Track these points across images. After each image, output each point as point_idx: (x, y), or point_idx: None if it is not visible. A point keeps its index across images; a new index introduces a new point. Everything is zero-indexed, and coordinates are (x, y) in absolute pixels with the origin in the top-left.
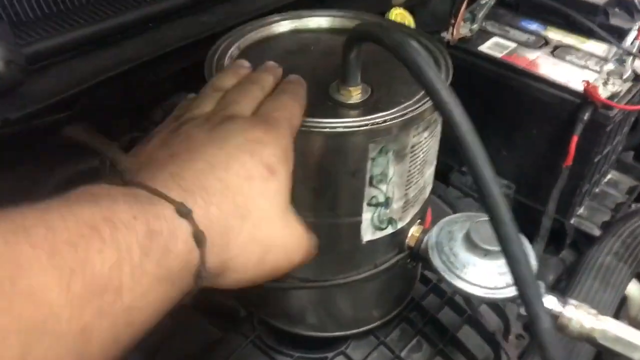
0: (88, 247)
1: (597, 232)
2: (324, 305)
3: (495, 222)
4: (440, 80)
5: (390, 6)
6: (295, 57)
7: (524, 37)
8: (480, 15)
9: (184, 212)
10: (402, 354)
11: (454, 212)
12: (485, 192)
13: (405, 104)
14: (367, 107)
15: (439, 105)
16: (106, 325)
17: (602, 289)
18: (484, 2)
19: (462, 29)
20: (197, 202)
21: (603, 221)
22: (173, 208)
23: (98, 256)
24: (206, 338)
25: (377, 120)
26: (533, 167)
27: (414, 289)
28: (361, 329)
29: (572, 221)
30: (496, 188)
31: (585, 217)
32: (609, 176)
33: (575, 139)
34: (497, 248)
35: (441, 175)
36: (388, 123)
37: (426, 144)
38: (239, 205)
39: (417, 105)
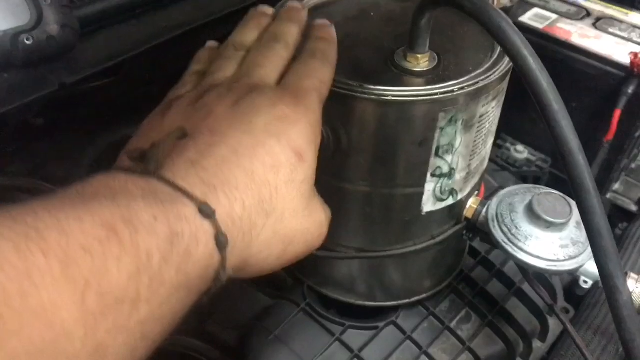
0: (105, 254)
1: (633, 207)
2: (376, 275)
3: (580, 192)
4: (527, 45)
5: None
6: (356, 23)
7: (564, 8)
8: None
9: (207, 212)
10: (452, 325)
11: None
12: (571, 161)
13: (476, 72)
14: (436, 75)
15: (525, 72)
16: (121, 340)
17: None
18: None
19: None
20: (220, 200)
21: (639, 197)
22: (195, 207)
23: (116, 264)
24: (257, 306)
25: (448, 88)
26: None
27: (463, 261)
28: (412, 300)
29: (608, 196)
30: (582, 158)
31: (621, 192)
32: None
33: (618, 113)
34: (560, 220)
35: None
36: (460, 92)
37: (492, 114)
38: (263, 200)
39: (488, 74)
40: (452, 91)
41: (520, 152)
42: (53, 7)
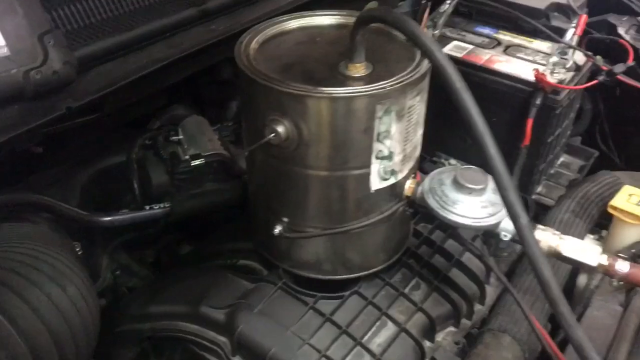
0: None
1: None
2: (338, 252)
3: (482, 144)
4: (435, 44)
5: None
6: (306, 46)
7: (479, 39)
8: (440, 22)
9: None
10: (405, 291)
11: None
12: (472, 122)
13: (402, 74)
14: (372, 78)
15: (434, 63)
16: None
17: None
18: (442, 10)
19: None
20: None
21: (559, 196)
22: None
23: None
24: (240, 289)
25: (382, 86)
26: None
27: (409, 241)
28: (369, 271)
29: (533, 197)
30: (479, 115)
31: (544, 194)
32: (561, 159)
33: (530, 122)
34: (479, 186)
35: None
36: (390, 88)
37: (419, 107)
38: None
39: (411, 75)
40: (385, 87)
41: (453, 165)
42: (56, 47)
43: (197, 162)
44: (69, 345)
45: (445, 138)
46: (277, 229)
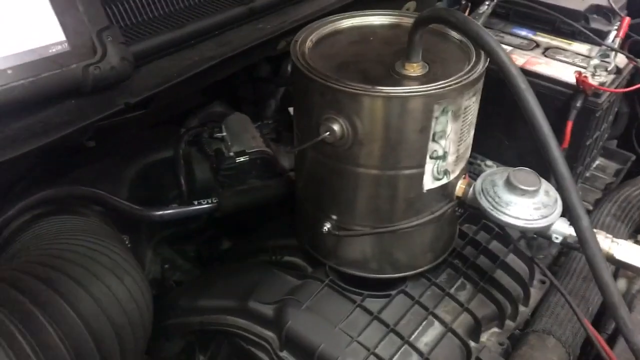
0: None
1: (591, 207)
2: (386, 250)
3: (544, 146)
4: (499, 45)
5: None
6: (360, 45)
7: (517, 41)
8: (479, 23)
9: None
10: (451, 291)
11: None
12: (537, 123)
13: (459, 74)
14: (428, 78)
15: (499, 64)
16: None
17: None
18: (481, 11)
19: None
20: None
21: (595, 199)
22: None
23: None
24: (287, 285)
25: (440, 85)
26: (533, 153)
27: (455, 242)
28: (416, 271)
29: None
30: (543, 119)
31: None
32: (597, 162)
33: (570, 124)
34: (532, 188)
35: None
36: (449, 88)
37: (473, 108)
38: None
39: (468, 75)
40: (444, 87)
41: (490, 166)
42: (114, 43)
43: (241, 159)
44: (127, 335)
45: (480, 139)
46: (326, 227)
